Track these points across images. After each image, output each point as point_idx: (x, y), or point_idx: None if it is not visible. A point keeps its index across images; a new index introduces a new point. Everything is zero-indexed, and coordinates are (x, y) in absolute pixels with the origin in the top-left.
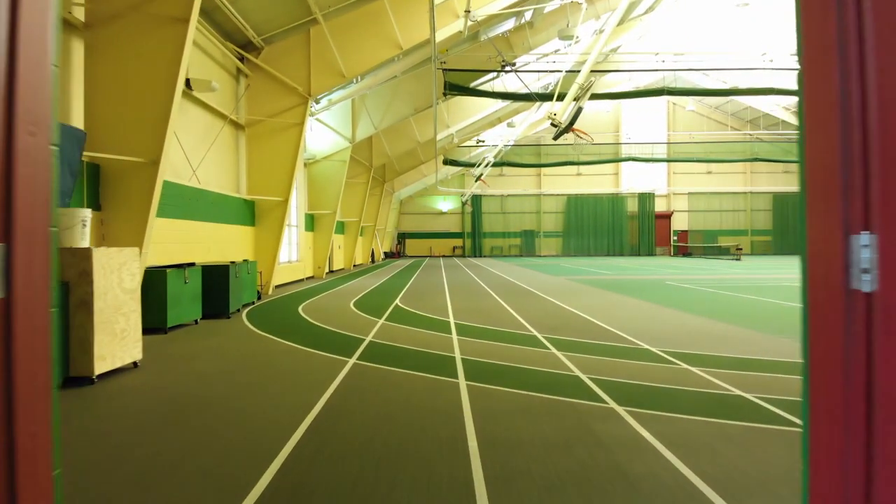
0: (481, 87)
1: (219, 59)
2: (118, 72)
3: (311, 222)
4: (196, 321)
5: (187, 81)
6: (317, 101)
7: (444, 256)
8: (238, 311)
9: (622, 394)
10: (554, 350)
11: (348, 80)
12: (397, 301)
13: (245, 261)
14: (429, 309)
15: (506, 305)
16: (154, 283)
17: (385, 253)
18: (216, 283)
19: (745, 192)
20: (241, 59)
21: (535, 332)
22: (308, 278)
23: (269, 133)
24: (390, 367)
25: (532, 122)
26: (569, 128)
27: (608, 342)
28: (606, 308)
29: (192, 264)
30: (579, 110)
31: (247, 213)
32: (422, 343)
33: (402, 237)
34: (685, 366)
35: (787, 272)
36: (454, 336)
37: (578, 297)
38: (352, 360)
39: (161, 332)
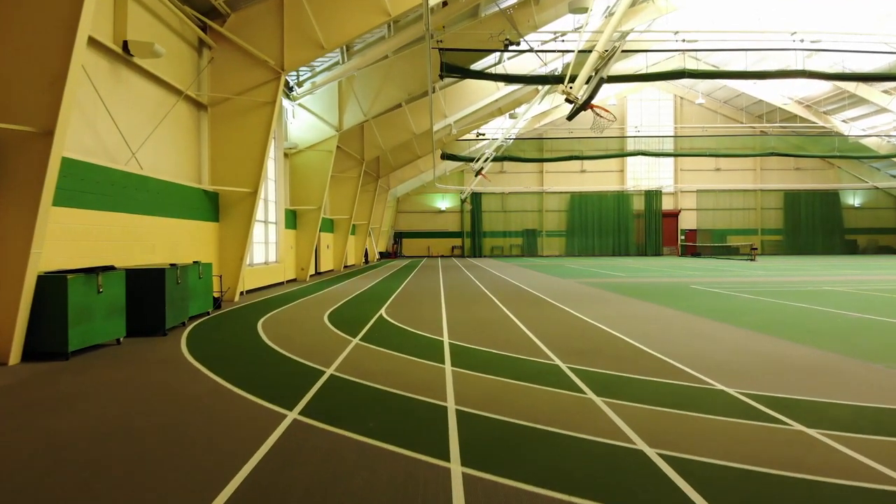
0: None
1: (175, 27)
2: (2, 14)
3: (292, 219)
4: (118, 341)
5: (125, 44)
6: (299, 85)
7: (442, 256)
8: (182, 324)
9: (732, 498)
10: (590, 393)
11: (328, 52)
12: (382, 311)
13: (195, 263)
14: (419, 322)
15: (512, 317)
16: (49, 293)
17: (380, 253)
18: (148, 291)
19: (755, 190)
20: (204, 28)
21: (557, 360)
22: (289, 281)
23: (235, 113)
24: (345, 432)
25: (535, 114)
26: (586, 104)
27: (662, 378)
28: (637, 321)
29: (112, 267)
30: (600, 82)
31: (208, 206)
32: (401, 380)
33: (398, 236)
34: (798, 426)
35: (815, 274)
36: (448, 367)
37: (597, 306)
38: (292, 415)
39: (60, 359)
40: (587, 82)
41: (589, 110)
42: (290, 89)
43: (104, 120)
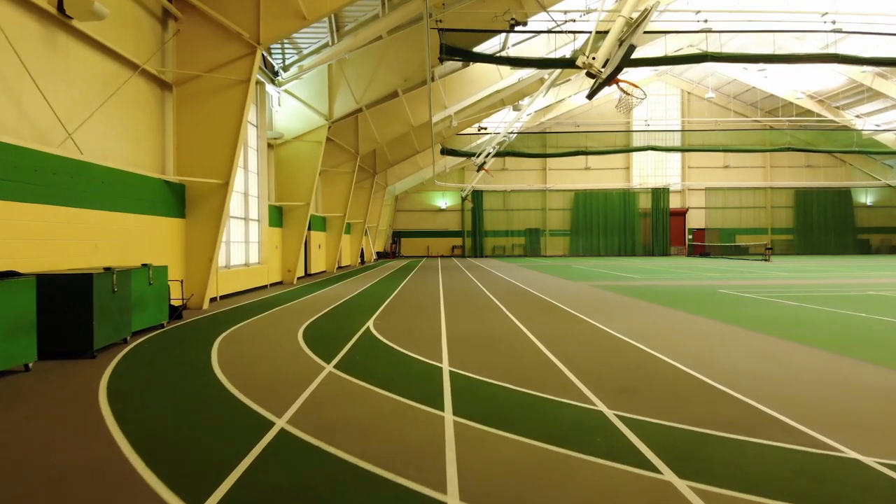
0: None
1: None
2: None
3: (278, 216)
4: (26, 367)
5: (60, 4)
6: (285, 69)
7: (442, 256)
8: (123, 342)
9: None
10: (666, 472)
11: (310, 23)
12: (370, 323)
13: (144, 266)
14: (412, 339)
15: (525, 331)
16: None
17: (377, 253)
18: (70, 303)
19: (765, 188)
20: None
21: (598, 403)
22: (273, 284)
23: (205, 93)
24: None
25: (539, 108)
26: (610, 79)
27: (759, 437)
28: (680, 336)
29: (14, 273)
30: (629, 51)
31: (171, 199)
32: (379, 443)
33: (396, 236)
34: None
35: (844, 276)
36: (448, 416)
37: (623, 315)
38: None
39: None
40: (603, 64)
41: (614, 86)
42: (276, 74)
43: (31, 93)
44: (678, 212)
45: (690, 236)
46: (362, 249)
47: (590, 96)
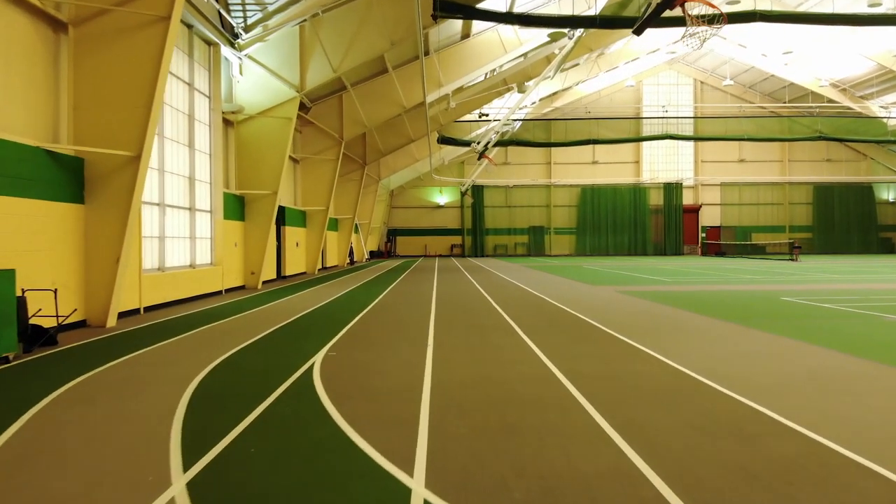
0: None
1: None
2: None
3: (238, 207)
4: None
5: None
6: (247, 29)
7: (440, 256)
8: None
9: None
10: None
11: None
12: (319, 358)
13: None
14: (373, 397)
15: (562, 378)
16: None
17: (370, 252)
18: None
19: (783, 183)
20: None
21: None
22: (231, 290)
23: (113, 36)
24: None
25: (544, 96)
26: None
27: None
28: (834, 395)
29: None
30: None
31: (59, 177)
32: None
33: (391, 234)
34: None
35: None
36: None
37: (696, 343)
38: None
39: None
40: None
41: (679, 9)
42: (236, 36)
43: None
44: (691, 208)
45: (704, 234)
46: (351, 248)
47: (637, 31)
